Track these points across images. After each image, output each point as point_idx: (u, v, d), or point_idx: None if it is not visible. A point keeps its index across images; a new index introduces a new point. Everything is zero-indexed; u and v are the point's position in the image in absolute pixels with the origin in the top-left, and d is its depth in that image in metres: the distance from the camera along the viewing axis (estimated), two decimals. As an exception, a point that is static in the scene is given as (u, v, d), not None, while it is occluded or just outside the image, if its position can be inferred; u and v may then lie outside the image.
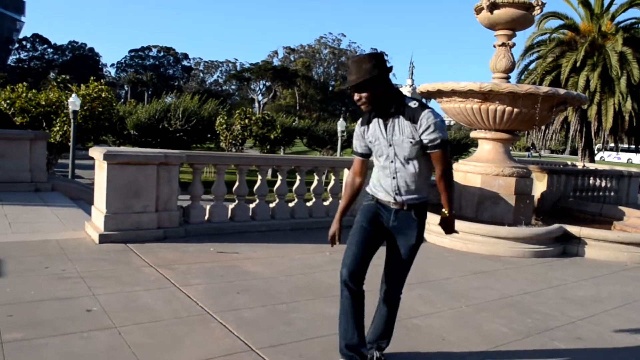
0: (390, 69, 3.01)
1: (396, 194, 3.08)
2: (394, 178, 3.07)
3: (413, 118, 2.94)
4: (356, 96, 2.98)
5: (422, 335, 4.07)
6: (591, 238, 7.69)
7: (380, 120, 3.06)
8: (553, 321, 4.65)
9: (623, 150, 52.55)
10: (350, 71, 2.94)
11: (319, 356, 3.49)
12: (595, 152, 60.34)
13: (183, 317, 4.03)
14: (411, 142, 2.96)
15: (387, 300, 3.30)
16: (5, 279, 4.61)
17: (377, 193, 3.16)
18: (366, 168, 3.32)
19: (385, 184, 3.10)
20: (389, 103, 2.99)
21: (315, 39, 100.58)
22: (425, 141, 2.95)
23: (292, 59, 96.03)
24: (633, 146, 26.96)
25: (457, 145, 38.55)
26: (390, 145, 3.03)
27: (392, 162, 3.05)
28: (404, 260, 3.19)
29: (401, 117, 2.98)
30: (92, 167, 22.61)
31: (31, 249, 5.69)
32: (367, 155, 3.25)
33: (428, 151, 2.99)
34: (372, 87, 2.93)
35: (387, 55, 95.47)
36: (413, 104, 2.97)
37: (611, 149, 53.08)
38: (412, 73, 64.73)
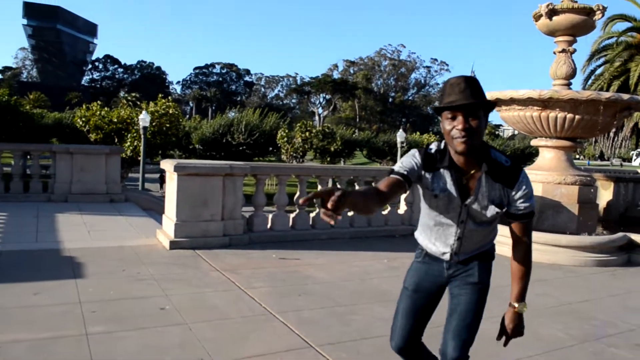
0: (494, 108, 2.40)
1: (455, 253, 2.51)
2: (458, 239, 2.46)
3: (508, 181, 2.31)
4: (460, 124, 2.16)
5: (479, 338, 4.15)
6: (658, 247, 7.49)
7: (453, 174, 2.31)
8: (611, 328, 4.63)
9: None
10: (457, 89, 2.19)
11: (375, 354, 3.67)
12: (634, 157, 56.73)
13: (248, 316, 4.32)
14: (497, 211, 2.35)
15: None
16: (87, 280, 5.07)
17: (430, 248, 2.57)
18: (400, 193, 2.32)
19: (443, 241, 2.51)
20: (480, 151, 2.28)
21: (375, 50, 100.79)
22: (518, 211, 2.36)
23: (352, 71, 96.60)
24: None
25: (521, 154, 37.73)
26: (465, 206, 2.35)
27: (462, 222, 2.40)
28: (468, 303, 2.52)
29: (489, 177, 2.30)
30: (156, 181, 23.50)
31: (108, 254, 6.17)
32: (409, 181, 2.28)
33: (517, 220, 2.40)
34: (482, 115, 2.21)
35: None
36: (505, 162, 2.32)
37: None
38: (474, 82, 63.64)
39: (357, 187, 8.22)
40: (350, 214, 8.20)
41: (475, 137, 2.18)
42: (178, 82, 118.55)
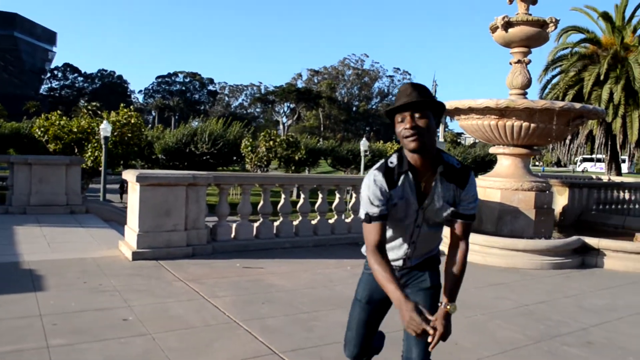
0: (444, 110, 2.48)
1: (407, 258, 2.60)
2: (412, 243, 2.55)
3: (459, 182, 2.42)
4: (408, 123, 2.28)
5: (436, 340, 4.28)
6: (610, 249, 7.80)
7: (411, 179, 2.40)
8: (565, 327, 4.82)
9: (599, 160, 52.62)
10: (409, 93, 2.32)
11: (337, 359, 3.72)
12: (578, 163, 59.63)
13: (212, 325, 4.34)
14: (451, 210, 2.44)
15: None
16: (48, 293, 5.00)
17: None
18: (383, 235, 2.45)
19: (397, 247, 2.59)
20: (432, 154, 2.39)
21: (338, 60, 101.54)
22: (466, 211, 2.45)
23: (316, 80, 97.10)
24: (623, 157, 26.79)
25: (481, 161, 38.54)
26: (421, 209, 2.45)
27: (418, 227, 2.49)
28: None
29: (442, 177, 2.41)
30: (118, 192, 23.17)
31: (69, 266, 6.08)
32: (386, 218, 2.43)
33: (463, 220, 2.47)
34: (431, 116, 2.32)
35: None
36: (456, 164, 2.44)
37: (592, 160, 52.98)
38: (435, 91, 64.81)
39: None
40: (313, 222, 8.28)
41: (425, 135, 2.29)
42: (140, 91, 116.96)
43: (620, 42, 24.28)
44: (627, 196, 14.16)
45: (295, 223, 8.13)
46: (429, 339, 2.25)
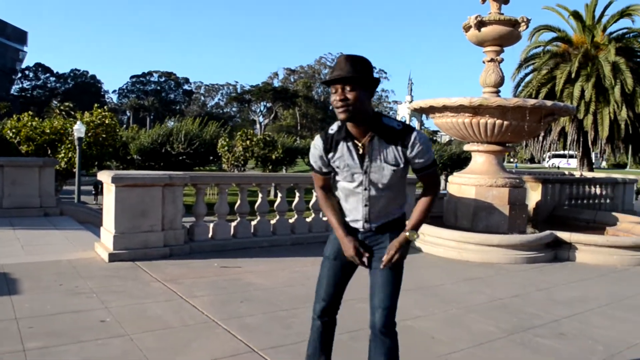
0: (378, 83, 2.66)
1: (366, 221, 2.78)
2: (365, 206, 2.74)
3: (401, 142, 2.62)
4: (338, 95, 2.52)
5: (414, 335, 4.36)
6: (581, 243, 7.98)
7: (350, 144, 2.66)
8: (538, 320, 4.94)
9: (571, 156, 54.73)
10: (342, 66, 2.52)
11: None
12: (547, 159, 61.81)
13: (190, 324, 4.34)
14: (394, 170, 2.65)
15: (378, 333, 2.71)
16: (23, 296, 4.94)
17: (345, 219, 2.86)
18: (328, 184, 2.92)
19: (354, 210, 2.80)
20: (367, 121, 2.61)
21: (315, 59, 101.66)
22: (419, 165, 2.68)
23: (292, 79, 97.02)
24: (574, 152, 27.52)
25: (457, 158, 38.93)
26: (365, 172, 2.67)
27: (365, 189, 2.71)
28: (386, 276, 2.74)
29: (382, 140, 2.63)
30: (92, 193, 22.82)
31: (45, 268, 6.01)
32: (330, 173, 2.85)
33: (420, 173, 2.72)
34: (360, 89, 2.52)
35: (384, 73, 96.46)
36: (397, 126, 2.62)
37: (562, 156, 54.93)
38: (411, 90, 65.49)
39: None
40: (290, 221, 8.31)
41: (354, 106, 2.52)
42: (114, 91, 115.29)
43: (591, 41, 24.77)
44: (598, 191, 14.48)
45: (272, 222, 8.15)
46: (384, 258, 2.66)
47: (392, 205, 2.82)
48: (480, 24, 9.79)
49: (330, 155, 2.73)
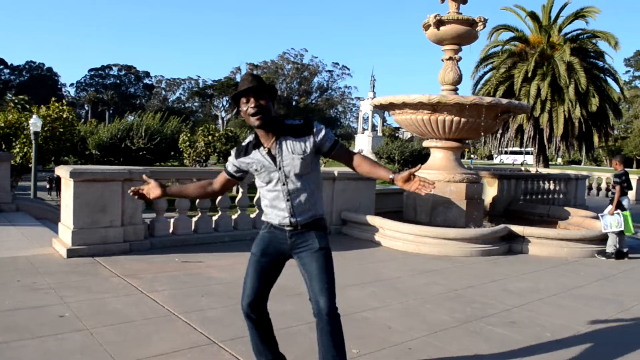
0: (277, 93, 3.11)
1: (291, 215, 2.98)
2: (288, 200, 2.97)
3: (306, 133, 2.96)
4: (251, 104, 2.85)
5: (370, 325, 4.50)
6: (534, 236, 8.29)
7: (261, 149, 2.98)
8: (490, 309, 5.14)
9: (516, 152, 57.50)
10: (247, 80, 2.91)
11: (275, 346, 3.85)
12: (496, 155, 64.60)
13: (151, 318, 4.37)
14: (302, 158, 2.93)
15: (323, 318, 2.93)
16: (-21, 293, 4.86)
17: (272, 219, 3.05)
18: (227, 189, 3.31)
19: (279, 207, 3.00)
20: (274, 124, 2.95)
21: (278, 54, 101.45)
22: (327, 146, 2.98)
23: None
24: (530, 149, 28.55)
25: (418, 155, 39.49)
26: (280, 168, 2.94)
27: (284, 184, 2.96)
28: (320, 267, 2.97)
29: (287, 137, 2.94)
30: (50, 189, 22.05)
31: (1, 265, 5.91)
32: (236, 178, 3.17)
33: (333, 152, 3.01)
34: (268, 98, 2.91)
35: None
36: (297, 122, 3.00)
37: (508, 152, 57.71)
38: (374, 86, 65.78)
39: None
40: (252, 215, 8.36)
41: (266, 113, 2.88)
42: (72, 84, 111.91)
43: (547, 41, 25.50)
44: (552, 187, 14.99)
45: (234, 217, 8.19)
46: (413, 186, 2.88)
47: (312, 199, 3.02)
48: (439, 23, 10.02)
49: (243, 159, 3.05)
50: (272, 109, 2.94)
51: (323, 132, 2.98)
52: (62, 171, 6.67)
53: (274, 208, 3.02)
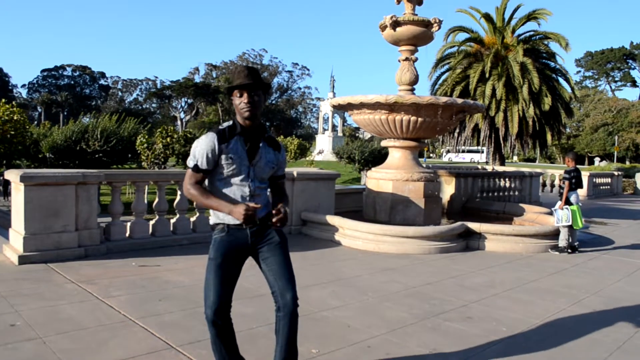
0: (270, 90, 3.28)
1: None
2: (252, 196, 3.02)
3: (276, 147, 3.15)
4: (246, 98, 2.93)
5: (330, 324, 4.52)
6: (490, 233, 8.48)
7: (242, 139, 3.02)
8: (448, 305, 5.24)
9: (470, 150, 59.79)
10: (244, 74, 2.96)
11: (235, 348, 3.83)
12: (445, 154, 67.14)
13: (106, 324, 4.28)
14: (273, 167, 3.11)
15: (288, 312, 3.01)
16: None
17: (229, 221, 3.03)
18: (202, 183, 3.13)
19: (240, 202, 2.98)
20: (258, 124, 3.07)
21: (237, 55, 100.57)
22: (280, 172, 3.22)
23: (214, 75, 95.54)
24: (483, 147, 29.53)
25: (378, 154, 39.74)
26: (251, 165, 3.03)
27: (252, 181, 3.03)
28: (283, 261, 3.08)
29: (265, 142, 3.08)
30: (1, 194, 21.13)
31: (-53, 274, 5.68)
32: (207, 173, 3.03)
33: (278, 181, 3.24)
34: (261, 94, 3.01)
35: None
36: (274, 136, 3.22)
37: (458, 151, 60.24)
38: (334, 87, 65.93)
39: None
40: (212, 217, 8.27)
41: (258, 108, 2.99)
42: (24, 86, 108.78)
43: (501, 42, 26.08)
44: (507, 184, 15.35)
45: (192, 219, 8.09)
46: (273, 220, 2.91)
47: (267, 198, 3.18)
48: (396, 24, 10.13)
49: (224, 146, 2.98)
50: (263, 104, 3.07)
51: (283, 158, 3.26)
52: (12, 175, 6.46)
53: (237, 203, 2.96)
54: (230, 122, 3.07)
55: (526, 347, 4.16)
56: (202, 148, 2.98)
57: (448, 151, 66.35)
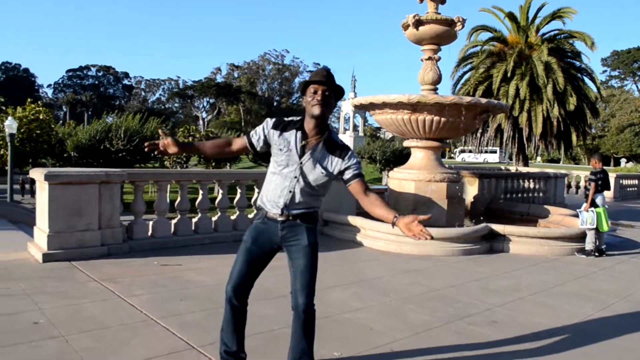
0: (342, 96, 3.17)
1: (285, 206, 3.09)
2: (290, 192, 3.07)
3: (340, 154, 3.08)
4: (319, 95, 2.98)
5: (352, 327, 4.46)
6: (514, 235, 8.33)
7: (299, 134, 3.07)
8: (472, 309, 5.14)
9: (482, 151, 59.08)
10: (322, 74, 3.04)
11: (258, 348, 3.79)
12: (458, 154, 66.75)
13: (128, 323, 4.28)
14: (322, 173, 3.06)
15: (301, 313, 3.11)
16: (-50, 300, 4.72)
17: (269, 210, 3.15)
18: (241, 152, 3.39)
19: (279, 193, 3.10)
20: (323, 126, 3.09)
21: (259, 55, 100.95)
22: (350, 174, 3.08)
23: (236, 75, 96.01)
24: (495, 147, 29.17)
25: (399, 155, 39.54)
26: (301, 164, 3.05)
27: (295, 177, 3.06)
28: (305, 265, 3.11)
29: (324, 147, 3.07)
30: (27, 193, 21.67)
31: (-27, 271, 5.75)
32: (253, 148, 3.21)
33: (352, 181, 3.09)
34: (333, 96, 3.05)
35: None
36: (339, 142, 3.12)
37: (469, 151, 59.61)
38: (355, 86, 65.86)
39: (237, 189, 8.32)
40: (232, 217, 8.28)
41: (328, 107, 3.03)
42: (49, 86, 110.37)
43: (525, 41, 25.75)
44: (531, 185, 15.12)
45: (214, 219, 8.09)
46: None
47: (311, 201, 3.16)
48: (418, 23, 10.03)
49: (275, 132, 3.12)
50: (333, 108, 3.09)
51: (352, 162, 3.10)
52: (37, 174, 6.52)
53: (275, 195, 3.11)
54: (298, 118, 3.18)
55: (553, 354, 4.05)
56: (258, 128, 3.22)
57: (462, 151, 65.87)
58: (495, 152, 59.09)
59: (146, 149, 3.26)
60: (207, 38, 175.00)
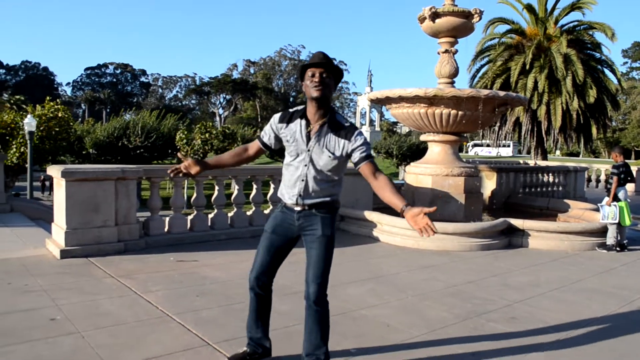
0: (342, 77, 3.15)
1: (300, 195, 3.12)
2: (303, 180, 3.11)
3: (346, 135, 3.04)
4: (317, 77, 2.97)
5: (369, 323, 4.41)
6: (534, 229, 8.20)
7: (303, 122, 3.09)
8: (491, 305, 5.05)
9: (488, 145, 58.68)
10: (318, 57, 3.02)
11: (272, 344, 3.76)
12: (470, 148, 66.20)
13: (144, 319, 4.27)
14: (330, 157, 3.06)
15: (311, 304, 3.14)
16: (-31, 296, 4.76)
17: (285, 199, 3.21)
18: (258, 155, 3.46)
19: (292, 185, 3.15)
20: (326, 108, 3.07)
21: (275, 50, 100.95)
22: (359, 156, 3.04)
23: (252, 71, 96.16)
24: (508, 141, 28.81)
25: (416, 149, 39.35)
26: (308, 151, 3.08)
27: (305, 166, 3.09)
28: (318, 255, 3.12)
29: (330, 130, 3.06)
30: (47, 190, 21.92)
31: (-8, 267, 5.80)
32: (268, 147, 3.33)
33: (361, 163, 3.05)
34: (332, 78, 3.03)
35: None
36: (345, 122, 3.10)
37: (481, 145, 58.87)
38: (371, 81, 65.60)
39: (254, 186, 8.30)
40: (248, 213, 8.27)
41: (327, 89, 3.00)
42: (68, 84, 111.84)
43: (544, 33, 25.38)
44: (551, 179, 14.91)
45: (230, 215, 8.09)
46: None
47: (326, 188, 3.15)
48: (435, 16, 9.90)
49: (282, 125, 3.18)
50: (333, 89, 3.06)
51: (358, 142, 3.06)
52: (54, 171, 6.56)
53: (289, 186, 3.18)
54: (301, 107, 3.18)
55: (574, 351, 3.96)
56: (267, 125, 3.29)
57: (475, 145, 65.33)
58: (508, 145, 58.68)
59: (171, 175, 3.38)
60: (223, 34, 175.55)
